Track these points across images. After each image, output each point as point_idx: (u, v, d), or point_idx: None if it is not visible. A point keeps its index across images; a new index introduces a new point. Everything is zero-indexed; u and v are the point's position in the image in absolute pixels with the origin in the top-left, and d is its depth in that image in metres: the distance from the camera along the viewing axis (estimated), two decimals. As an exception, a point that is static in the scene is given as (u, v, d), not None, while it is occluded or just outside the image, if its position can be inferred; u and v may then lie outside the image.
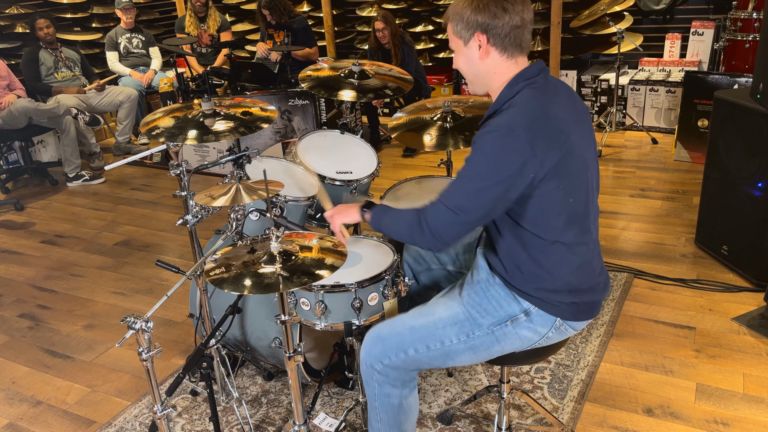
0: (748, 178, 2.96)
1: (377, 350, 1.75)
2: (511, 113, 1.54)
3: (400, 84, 2.79)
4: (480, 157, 1.53)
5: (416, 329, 1.74)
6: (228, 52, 5.37)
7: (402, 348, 1.73)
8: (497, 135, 1.51)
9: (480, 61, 1.63)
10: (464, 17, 1.60)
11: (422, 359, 1.74)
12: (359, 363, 1.84)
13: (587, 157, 1.63)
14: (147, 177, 5.28)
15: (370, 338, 1.78)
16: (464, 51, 1.64)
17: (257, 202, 2.18)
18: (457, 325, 1.71)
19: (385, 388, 1.78)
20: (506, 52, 1.61)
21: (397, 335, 1.74)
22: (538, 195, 1.55)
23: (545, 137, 1.51)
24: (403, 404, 1.81)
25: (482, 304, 1.71)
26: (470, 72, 1.67)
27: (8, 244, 4.15)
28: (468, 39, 1.62)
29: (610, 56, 5.75)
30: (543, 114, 1.54)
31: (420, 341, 1.72)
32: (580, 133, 1.61)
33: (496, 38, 1.59)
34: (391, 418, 1.82)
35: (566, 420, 2.27)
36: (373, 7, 6.38)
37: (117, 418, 2.46)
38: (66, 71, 5.47)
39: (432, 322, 1.74)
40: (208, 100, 2.16)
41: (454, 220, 1.56)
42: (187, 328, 3.01)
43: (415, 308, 1.83)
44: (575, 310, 1.68)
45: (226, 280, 1.63)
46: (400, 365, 1.75)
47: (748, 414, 2.25)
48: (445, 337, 1.71)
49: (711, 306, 2.88)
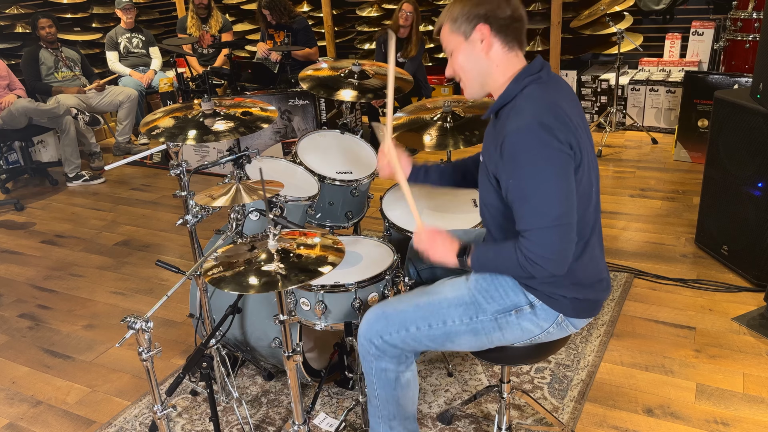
0: (748, 178, 2.96)
1: (379, 325, 1.75)
2: (528, 109, 1.54)
3: (399, 84, 2.79)
4: (534, 166, 1.51)
5: (420, 306, 1.74)
6: (228, 52, 5.37)
7: (404, 324, 1.73)
8: (532, 135, 1.50)
9: (483, 55, 1.62)
10: (464, 11, 1.60)
11: (422, 338, 1.74)
12: (358, 336, 1.82)
13: (591, 152, 1.65)
14: (147, 177, 5.28)
15: (373, 314, 1.78)
16: (464, 47, 1.63)
17: (257, 202, 2.18)
18: (461, 306, 1.72)
19: (381, 362, 1.77)
20: (508, 45, 1.61)
21: (401, 312, 1.75)
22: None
23: (566, 126, 1.53)
24: (400, 378, 1.80)
25: (489, 290, 1.71)
26: (472, 70, 1.65)
27: (8, 244, 4.15)
28: (469, 32, 1.61)
29: (610, 56, 5.75)
30: (556, 105, 1.55)
31: (422, 319, 1.73)
32: (583, 127, 1.63)
33: (499, 28, 1.59)
34: (389, 393, 1.81)
35: (566, 420, 2.27)
36: (373, 7, 6.38)
37: (117, 418, 2.46)
38: (66, 71, 5.47)
39: (437, 300, 1.74)
40: (208, 100, 2.16)
41: (561, 232, 1.52)
42: (187, 328, 3.01)
43: (420, 287, 1.83)
44: (577, 306, 1.70)
45: (226, 280, 1.63)
46: (399, 343, 1.75)
47: (748, 414, 2.25)
48: (448, 317, 1.72)
49: (711, 306, 2.88)
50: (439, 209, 2.55)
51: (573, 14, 5.36)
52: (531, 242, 1.54)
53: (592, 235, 1.69)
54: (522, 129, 1.51)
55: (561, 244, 1.53)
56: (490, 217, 1.72)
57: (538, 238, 1.53)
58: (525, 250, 1.55)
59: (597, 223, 1.71)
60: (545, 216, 1.51)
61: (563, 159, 1.51)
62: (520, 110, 1.55)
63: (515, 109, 1.57)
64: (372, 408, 1.87)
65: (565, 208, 1.52)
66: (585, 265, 1.68)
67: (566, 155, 1.51)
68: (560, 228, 1.52)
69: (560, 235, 1.53)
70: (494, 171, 1.60)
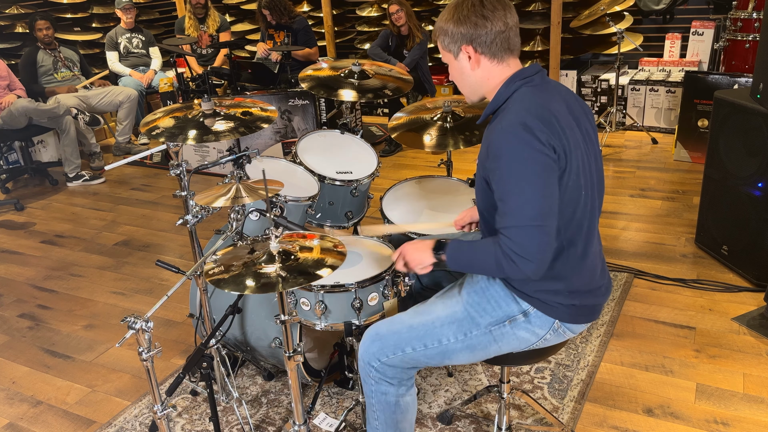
0: (748, 178, 2.96)
1: (375, 348, 1.76)
2: (514, 110, 1.55)
3: (399, 84, 2.79)
4: (514, 164, 1.51)
5: (414, 327, 1.74)
6: (228, 52, 5.37)
7: (399, 346, 1.73)
8: (514, 135, 1.51)
9: (472, 72, 1.67)
10: (448, 32, 1.64)
11: (419, 357, 1.74)
12: (357, 360, 1.84)
13: (586, 157, 1.63)
14: (147, 177, 5.28)
15: (368, 336, 1.78)
16: (455, 64, 1.68)
17: (257, 202, 2.18)
18: (455, 323, 1.72)
19: (381, 386, 1.78)
20: (496, 58, 1.64)
21: (395, 333, 1.75)
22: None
23: (551, 129, 1.53)
24: (399, 402, 1.81)
25: (481, 303, 1.71)
26: (465, 83, 1.71)
27: (8, 244, 4.15)
28: (457, 52, 1.65)
29: (610, 56, 5.75)
30: (542, 107, 1.55)
31: (417, 339, 1.73)
32: (580, 133, 1.62)
33: (483, 47, 1.62)
34: (388, 416, 1.82)
35: (566, 420, 2.27)
36: (373, 7, 6.38)
37: (117, 418, 2.46)
38: (65, 71, 5.47)
39: (430, 320, 1.74)
40: (208, 100, 2.16)
41: (538, 234, 1.51)
42: (187, 328, 3.01)
43: (414, 306, 1.83)
44: (574, 312, 1.68)
45: (226, 280, 1.63)
46: (398, 363, 1.75)
47: (748, 414, 2.25)
48: (443, 336, 1.72)
49: (711, 306, 2.88)
50: (438, 209, 2.55)
51: (573, 14, 5.36)
52: (509, 240, 1.52)
53: (589, 241, 1.66)
54: (505, 129, 1.53)
55: (538, 245, 1.51)
56: (484, 220, 1.73)
57: (514, 236, 1.52)
58: (504, 246, 1.53)
59: (593, 229, 1.68)
60: (521, 215, 1.51)
61: (543, 161, 1.51)
62: (508, 112, 1.57)
63: (504, 111, 1.59)
64: (371, 429, 1.88)
65: (542, 209, 1.50)
66: (581, 273, 1.66)
67: (547, 157, 1.51)
68: (536, 229, 1.50)
69: (537, 236, 1.50)
70: (485, 172, 1.61)
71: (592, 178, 1.66)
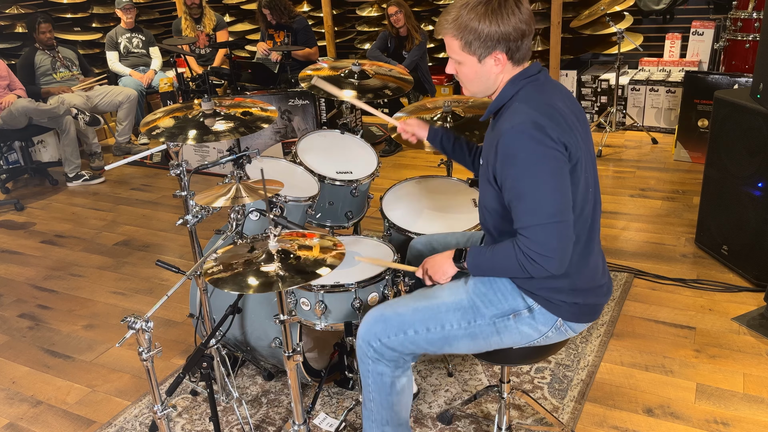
0: (748, 178, 2.96)
1: (378, 328, 1.76)
2: (523, 109, 1.56)
3: (400, 84, 2.79)
4: (528, 163, 1.52)
5: (419, 310, 1.75)
6: (227, 52, 5.37)
7: (402, 328, 1.74)
8: (526, 135, 1.51)
9: (493, 75, 1.64)
10: (481, 34, 1.56)
11: (420, 342, 1.74)
12: (356, 338, 1.83)
13: (589, 155, 1.65)
14: (147, 177, 5.28)
15: (371, 316, 1.79)
16: (476, 67, 1.63)
17: (257, 202, 2.18)
18: (459, 311, 1.72)
19: (378, 366, 1.78)
20: (518, 62, 1.64)
21: (399, 315, 1.75)
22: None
23: (560, 126, 1.54)
24: (396, 384, 1.81)
25: (487, 294, 1.71)
26: (478, 83, 1.67)
27: (8, 244, 4.15)
28: (484, 56, 1.60)
29: (610, 56, 5.75)
30: (550, 105, 1.57)
31: (421, 322, 1.73)
32: (581, 130, 1.63)
33: (513, 52, 1.60)
34: (383, 398, 1.82)
35: (566, 420, 2.27)
36: (373, 6, 6.38)
37: (117, 418, 2.46)
38: (65, 71, 5.47)
39: (435, 305, 1.75)
40: (208, 100, 2.16)
41: (558, 229, 1.52)
42: (187, 328, 3.01)
43: (419, 290, 1.84)
44: (577, 311, 1.70)
45: (226, 280, 1.63)
46: (397, 346, 1.75)
47: (748, 414, 2.25)
48: (446, 321, 1.72)
49: (711, 306, 2.88)
50: (438, 209, 2.55)
51: (573, 14, 5.36)
52: (529, 240, 1.54)
53: (591, 238, 1.68)
54: (516, 128, 1.53)
55: (558, 241, 1.53)
56: (490, 219, 1.73)
57: (535, 235, 1.53)
58: (524, 248, 1.55)
59: (595, 226, 1.70)
60: (540, 213, 1.52)
61: (557, 157, 1.52)
62: (515, 110, 1.57)
63: (510, 109, 1.59)
64: (366, 411, 1.88)
65: (560, 205, 1.52)
66: (584, 270, 1.67)
67: (560, 154, 1.52)
68: (556, 225, 1.52)
69: (557, 232, 1.52)
70: (492, 172, 1.61)
71: (594, 175, 1.68)
